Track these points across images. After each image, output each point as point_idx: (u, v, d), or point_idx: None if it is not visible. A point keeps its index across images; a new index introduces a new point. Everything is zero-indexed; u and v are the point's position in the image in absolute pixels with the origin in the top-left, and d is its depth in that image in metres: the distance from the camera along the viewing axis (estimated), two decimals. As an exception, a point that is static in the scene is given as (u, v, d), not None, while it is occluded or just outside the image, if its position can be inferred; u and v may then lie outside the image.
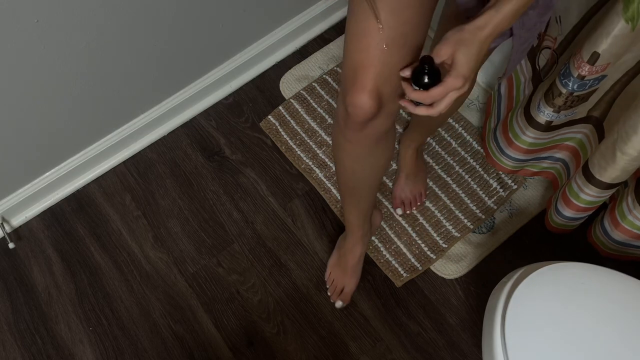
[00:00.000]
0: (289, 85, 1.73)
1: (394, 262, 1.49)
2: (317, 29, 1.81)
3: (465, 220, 1.53)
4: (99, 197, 1.61)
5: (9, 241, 1.52)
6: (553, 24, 1.27)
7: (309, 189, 1.60)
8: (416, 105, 0.84)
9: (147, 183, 1.62)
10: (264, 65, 1.75)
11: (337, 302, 1.44)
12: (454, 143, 1.63)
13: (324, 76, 1.74)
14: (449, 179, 1.58)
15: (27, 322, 1.47)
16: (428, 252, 1.50)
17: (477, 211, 1.54)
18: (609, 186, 1.25)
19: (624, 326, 0.96)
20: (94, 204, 1.60)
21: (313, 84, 1.73)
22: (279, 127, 1.67)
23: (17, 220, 1.58)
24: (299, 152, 1.64)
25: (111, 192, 1.61)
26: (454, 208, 1.55)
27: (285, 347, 1.42)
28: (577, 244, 1.49)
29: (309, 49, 1.79)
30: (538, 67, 1.35)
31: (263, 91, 1.74)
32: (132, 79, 1.47)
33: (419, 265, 1.49)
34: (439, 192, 1.57)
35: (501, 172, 1.57)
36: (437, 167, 1.60)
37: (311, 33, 1.80)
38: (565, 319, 0.96)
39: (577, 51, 1.14)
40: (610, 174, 1.21)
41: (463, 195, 1.56)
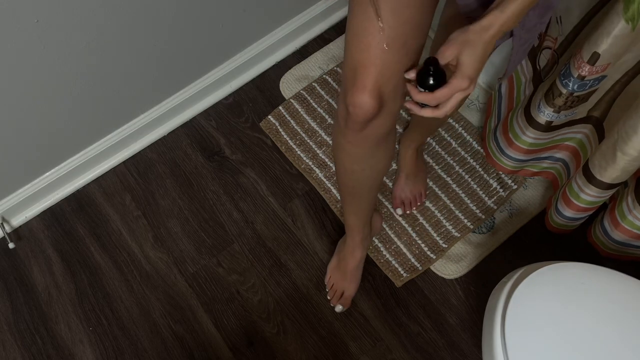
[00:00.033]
0: (289, 85, 1.73)
1: (394, 262, 1.49)
2: (317, 29, 1.80)
3: (465, 220, 1.53)
4: (99, 197, 1.61)
5: (9, 241, 1.52)
6: (554, 24, 1.27)
7: (309, 189, 1.60)
8: (422, 107, 0.84)
9: (147, 183, 1.62)
10: (264, 65, 1.75)
11: (337, 306, 1.44)
12: (454, 143, 1.63)
13: (324, 76, 1.74)
14: (449, 179, 1.58)
15: (27, 322, 1.47)
16: (428, 252, 1.50)
17: (477, 211, 1.54)
18: (610, 186, 1.25)
19: (624, 326, 0.96)
20: (94, 204, 1.60)
21: (313, 84, 1.72)
22: (279, 127, 1.67)
23: (17, 220, 1.58)
24: (299, 152, 1.64)
25: (111, 192, 1.61)
26: (454, 208, 1.55)
27: (285, 347, 1.42)
28: (577, 244, 1.49)
29: (309, 49, 1.79)
30: (539, 67, 1.35)
31: (263, 91, 1.74)
32: (132, 79, 1.47)
33: (419, 265, 1.49)
34: (439, 192, 1.57)
35: (501, 172, 1.57)
36: (437, 167, 1.60)
37: (311, 33, 1.80)
38: (565, 319, 0.96)
39: (577, 51, 1.14)
40: (611, 174, 1.21)
41: (463, 195, 1.56)
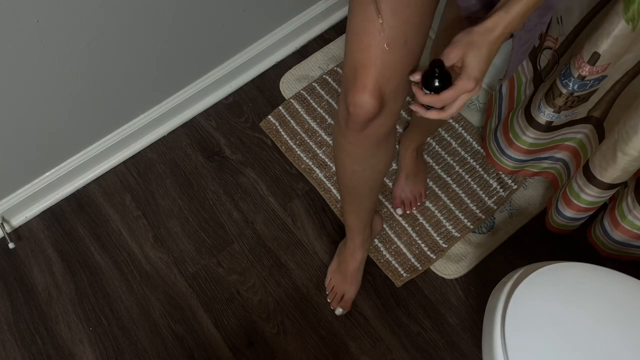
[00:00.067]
0: (289, 85, 1.73)
1: (394, 262, 1.49)
2: (317, 29, 1.80)
3: (465, 220, 1.53)
4: (99, 197, 1.61)
5: (9, 241, 1.51)
6: (554, 25, 1.27)
7: (309, 189, 1.60)
8: (427, 109, 0.84)
9: (147, 183, 1.62)
10: (264, 65, 1.75)
11: (338, 309, 1.43)
12: (454, 143, 1.63)
13: (324, 76, 1.74)
14: (449, 179, 1.58)
15: (27, 322, 1.47)
16: (428, 252, 1.50)
17: (477, 211, 1.54)
18: (610, 186, 1.25)
19: (624, 326, 0.96)
20: (94, 204, 1.60)
21: (313, 84, 1.72)
22: (279, 127, 1.67)
23: (17, 220, 1.58)
24: (299, 152, 1.64)
25: (111, 192, 1.61)
26: (454, 208, 1.55)
27: (285, 347, 1.42)
28: (577, 244, 1.49)
29: (309, 49, 1.79)
30: (539, 67, 1.35)
31: (263, 91, 1.74)
32: (132, 79, 1.47)
33: (419, 265, 1.49)
34: (439, 192, 1.57)
35: (501, 173, 1.57)
36: (437, 167, 1.60)
37: (311, 33, 1.80)
38: (565, 319, 0.96)
39: (577, 51, 1.14)
40: (611, 175, 1.21)
41: (463, 195, 1.56)
